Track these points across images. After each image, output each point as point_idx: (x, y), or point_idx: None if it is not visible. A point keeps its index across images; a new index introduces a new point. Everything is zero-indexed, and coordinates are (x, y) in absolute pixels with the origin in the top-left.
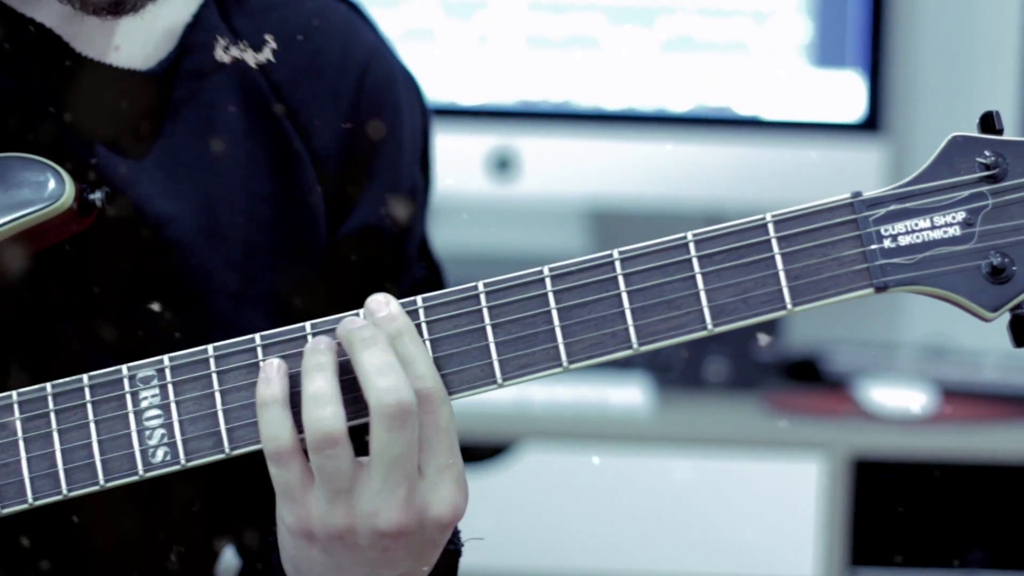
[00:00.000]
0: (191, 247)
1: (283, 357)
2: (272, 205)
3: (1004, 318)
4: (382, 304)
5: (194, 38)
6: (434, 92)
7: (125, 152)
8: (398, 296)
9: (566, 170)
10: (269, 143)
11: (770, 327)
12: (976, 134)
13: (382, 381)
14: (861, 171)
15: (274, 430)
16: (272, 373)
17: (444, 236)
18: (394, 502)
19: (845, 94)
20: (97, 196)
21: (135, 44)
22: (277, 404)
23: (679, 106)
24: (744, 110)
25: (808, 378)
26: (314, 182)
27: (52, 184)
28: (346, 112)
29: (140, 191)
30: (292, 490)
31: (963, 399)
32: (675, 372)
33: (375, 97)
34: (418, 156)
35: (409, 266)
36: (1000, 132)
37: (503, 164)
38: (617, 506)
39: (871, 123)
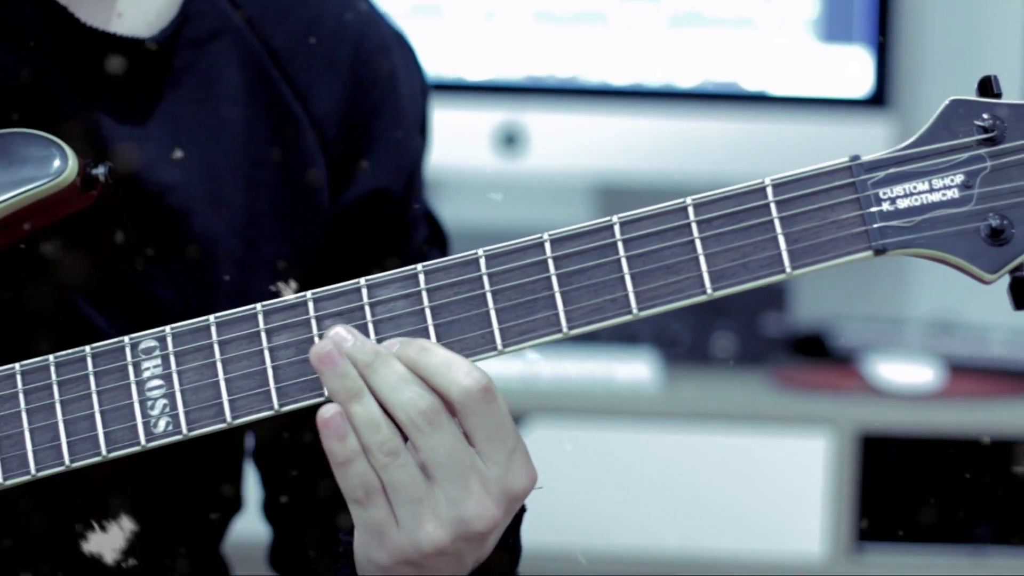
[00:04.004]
0: (194, 214)
1: (284, 326)
2: (275, 171)
3: (1003, 282)
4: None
5: (195, 6)
6: (441, 68)
7: (127, 120)
8: (407, 259)
9: (573, 145)
10: (270, 110)
11: (777, 302)
12: (974, 98)
13: (397, 398)
14: (868, 146)
15: (360, 480)
16: (343, 425)
17: (452, 212)
18: (473, 496)
19: (852, 69)
20: (100, 171)
21: (137, 12)
22: (360, 457)
23: (686, 81)
24: (751, 85)
25: (815, 353)
26: (315, 148)
27: (56, 160)
28: (344, 78)
29: (142, 158)
30: (381, 525)
31: (970, 374)
32: (682, 347)
33: (372, 62)
34: (417, 119)
35: (415, 227)
36: (998, 96)
37: (510, 139)
38: (624, 481)
39: (878, 98)
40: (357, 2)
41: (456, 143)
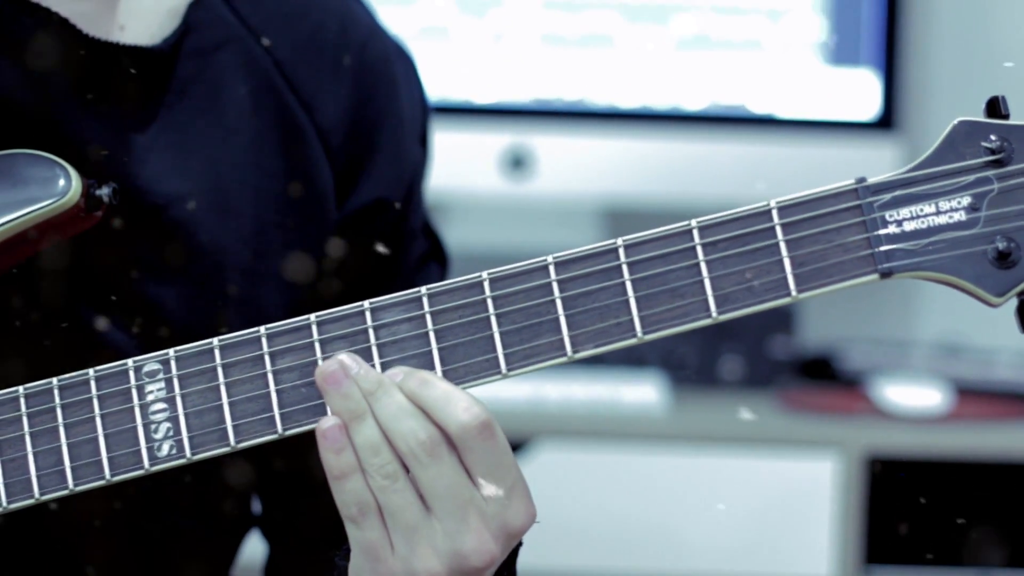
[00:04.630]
0: (201, 224)
1: (288, 349)
2: (281, 181)
3: (1011, 304)
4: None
5: (197, 16)
6: (448, 90)
7: (132, 130)
8: (404, 270)
9: (581, 168)
10: (275, 120)
11: (785, 325)
12: (981, 119)
13: (398, 428)
14: (876, 169)
15: (355, 497)
16: (341, 438)
17: (459, 234)
18: (472, 531)
19: (860, 92)
20: (105, 192)
21: (139, 23)
22: (356, 474)
23: (694, 104)
24: (759, 108)
25: (823, 376)
26: (321, 157)
27: (60, 181)
28: (348, 87)
29: (147, 170)
30: (376, 548)
31: (978, 397)
32: (689, 370)
33: (375, 72)
34: (417, 130)
35: (413, 239)
36: (1006, 117)
37: (518, 162)
38: (631, 504)
39: (886, 121)
40: (359, 13)
41: (463, 166)
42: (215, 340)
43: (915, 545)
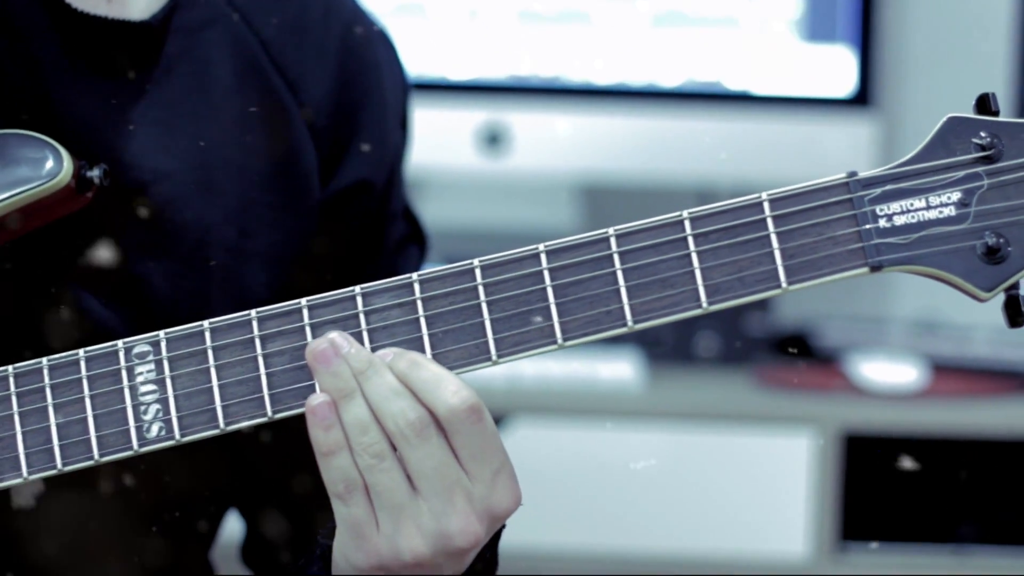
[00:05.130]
0: (186, 202)
1: (279, 333)
2: (265, 160)
3: (998, 299)
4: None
5: None
6: (424, 67)
7: (119, 105)
8: (384, 253)
9: (556, 145)
10: (260, 99)
11: (761, 302)
12: (972, 115)
13: (387, 408)
14: (852, 146)
15: (342, 474)
16: (330, 415)
17: (435, 211)
18: (457, 512)
19: (836, 69)
20: (95, 173)
21: None
22: (344, 450)
23: (669, 81)
24: (735, 85)
25: (799, 353)
26: (305, 137)
27: (50, 161)
28: (333, 68)
29: (134, 145)
30: (361, 525)
31: (953, 374)
32: (665, 347)
33: (358, 55)
34: (399, 114)
35: (393, 222)
36: (996, 113)
37: (493, 139)
38: (607, 481)
39: (862, 98)
40: None
41: (439, 142)
42: (205, 323)
43: (890, 522)
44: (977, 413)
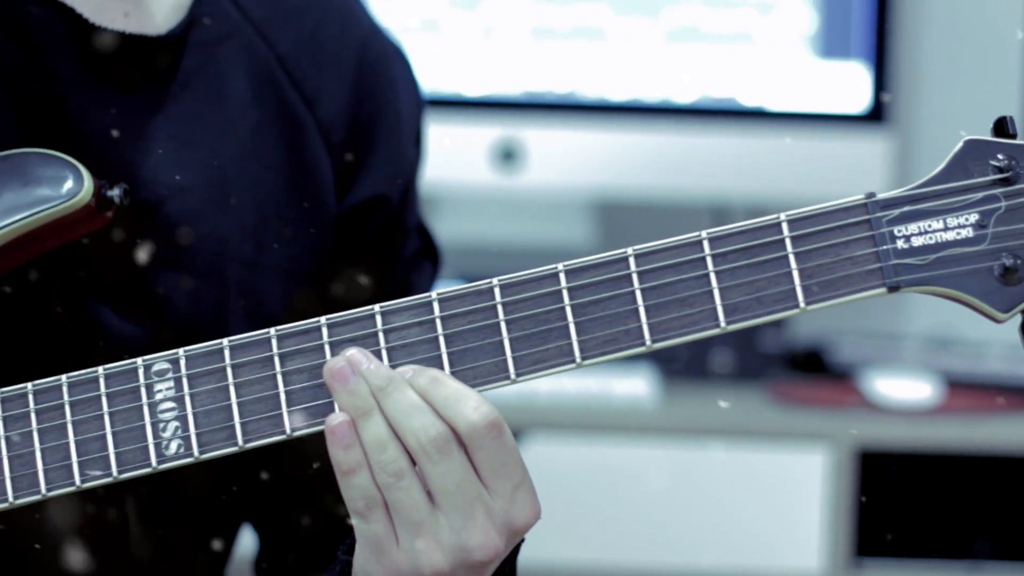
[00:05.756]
0: (203, 216)
1: (298, 351)
2: (282, 174)
3: (1015, 320)
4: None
5: (202, 9)
6: (439, 83)
7: (137, 120)
8: (398, 269)
9: (571, 161)
10: (276, 114)
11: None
12: (990, 137)
13: (408, 424)
14: (866, 162)
15: (362, 492)
16: (349, 435)
17: (450, 227)
18: (477, 526)
19: (850, 85)
20: (115, 193)
21: (144, 12)
22: (364, 469)
23: (684, 97)
24: (749, 101)
25: (813, 369)
26: (321, 152)
27: (70, 181)
28: (349, 84)
29: (151, 160)
30: (381, 541)
31: (968, 390)
32: (680, 363)
33: (374, 70)
34: (414, 130)
35: (407, 237)
36: (1014, 136)
37: (508, 155)
38: (622, 497)
39: (876, 114)
40: (358, 12)
41: (454, 158)
42: (225, 340)
43: (905, 538)
44: (991, 429)
